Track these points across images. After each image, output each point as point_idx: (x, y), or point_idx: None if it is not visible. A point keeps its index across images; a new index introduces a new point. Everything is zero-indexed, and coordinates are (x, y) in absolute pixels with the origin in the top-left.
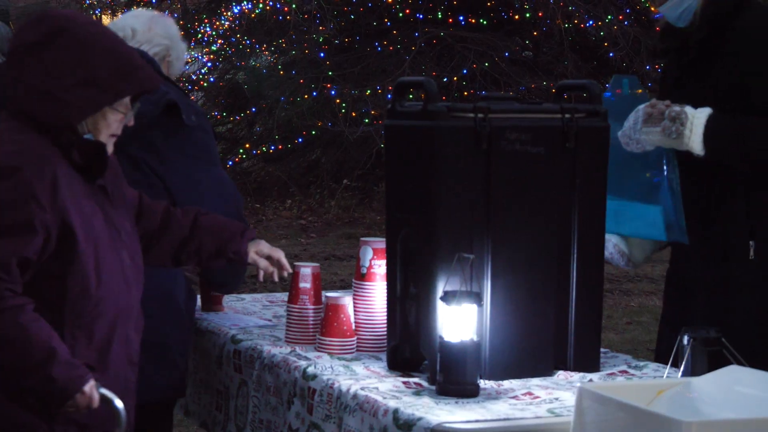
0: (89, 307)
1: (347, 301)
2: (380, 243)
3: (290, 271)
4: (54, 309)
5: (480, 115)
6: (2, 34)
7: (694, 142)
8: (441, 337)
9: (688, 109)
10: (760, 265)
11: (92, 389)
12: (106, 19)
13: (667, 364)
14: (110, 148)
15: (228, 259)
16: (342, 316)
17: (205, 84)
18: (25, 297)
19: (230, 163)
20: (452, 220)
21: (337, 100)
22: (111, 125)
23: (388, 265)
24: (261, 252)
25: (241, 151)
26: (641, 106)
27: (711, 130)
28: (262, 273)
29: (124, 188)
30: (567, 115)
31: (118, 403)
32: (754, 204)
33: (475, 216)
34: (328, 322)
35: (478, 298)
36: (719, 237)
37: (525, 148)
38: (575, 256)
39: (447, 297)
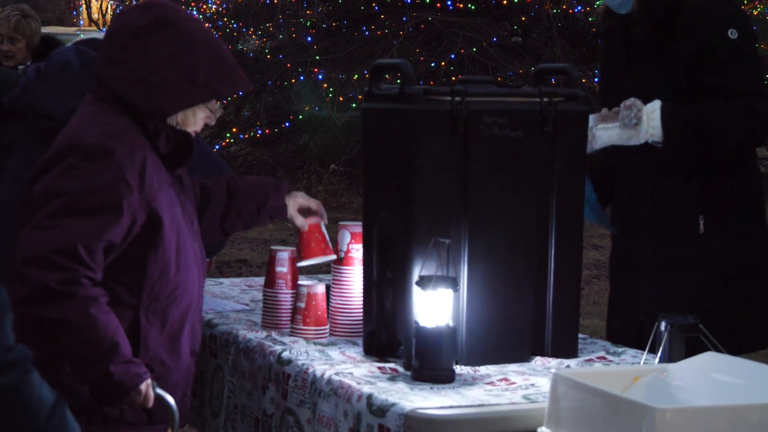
0: (166, 292)
1: (320, 289)
2: (358, 227)
3: (326, 221)
4: (132, 290)
5: (457, 99)
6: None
7: (653, 128)
8: (416, 323)
9: (638, 102)
10: (708, 239)
11: (148, 388)
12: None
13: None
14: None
15: (270, 216)
16: (314, 303)
17: None
18: (100, 289)
19: (217, 147)
20: (429, 204)
21: (325, 85)
22: (197, 122)
23: (364, 249)
24: (300, 205)
25: (228, 135)
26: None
27: (667, 116)
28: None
29: (188, 179)
30: (545, 99)
31: (172, 403)
32: (704, 182)
33: (452, 200)
34: (300, 310)
35: (454, 283)
36: (669, 214)
37: (503, 131)
38: (553, 241)
39: (422, 282)
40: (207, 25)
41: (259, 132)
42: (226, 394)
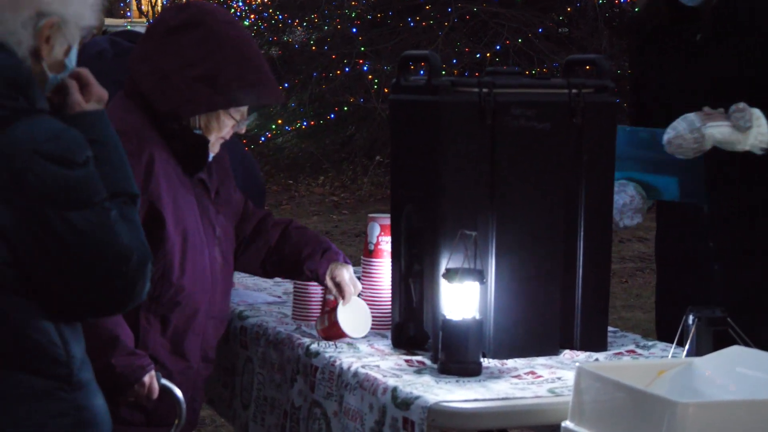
0: (168, 296)
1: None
2: (388, 219)
3: (346, 302)
4: None
5: (484, 90)
6: None
7: (763, 134)
8: (443, 315)
9: (749, 107)
10: None
11: (152, 380)
12: None
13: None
14: (216, 149)
15: (305, 277)
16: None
17: None
18: None
19: (263, 139)
20: (456, 196)
21: (370, 76)
22: (222, 129)
23: (392, 242)
24: (340, 279)
25: (273, 126)
26: (687, 115)
27: None
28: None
29: (231, 190)
30: (574, 90)
31: (179, 395)
32: None
33: (479, 192)
34: (330, 302)
35: (480, 275)
36: (749, 201)
37: (530, 123)
38: (582, 233)
39: (449, 274)
40: (252, 16)
41: (305, 124)
42: (256, 386)
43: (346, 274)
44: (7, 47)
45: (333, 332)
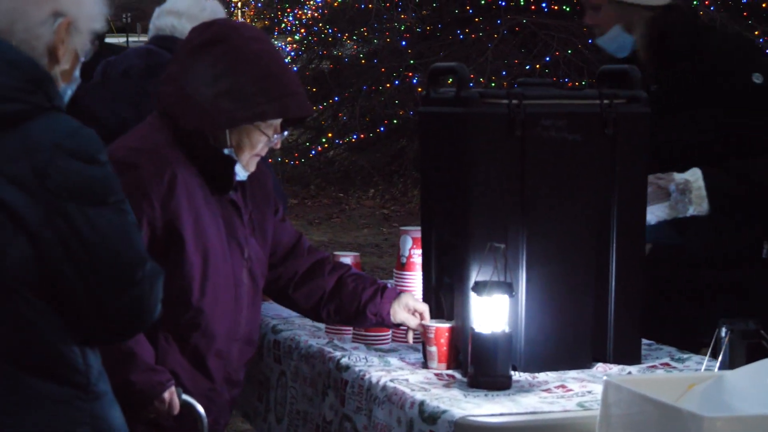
0: (187, 317)
1: None
2: (419, 232)
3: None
4: None
5: (514, 101)
6: None
7: (702, 207)
8: (472, 329)
9: (684, 176)
10: None
11: (172, 396)
12: None
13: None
14: (252, 167)
15: (369, 323)
16: None
17: None
18: None
19: (313, 152)
20: (486, 209)
21: (419, 89)
22: (255, 145)
23: (423, 254)
24: (409, 308)
25: (324, 140)
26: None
27: (712, 191)
28: (411, 334)
29: (270, 214)
30: (606, 101)
31: (201, 410)
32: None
33: (509, 205)
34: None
35: (509, 288)
36: (729, 243)
37: (561, 134)
38: (614, 245)
39: (478, 287)
40: (303, 31)
41: (355, 137)
42: (289, 399)
43: (410, 301)
44: (26, 45)
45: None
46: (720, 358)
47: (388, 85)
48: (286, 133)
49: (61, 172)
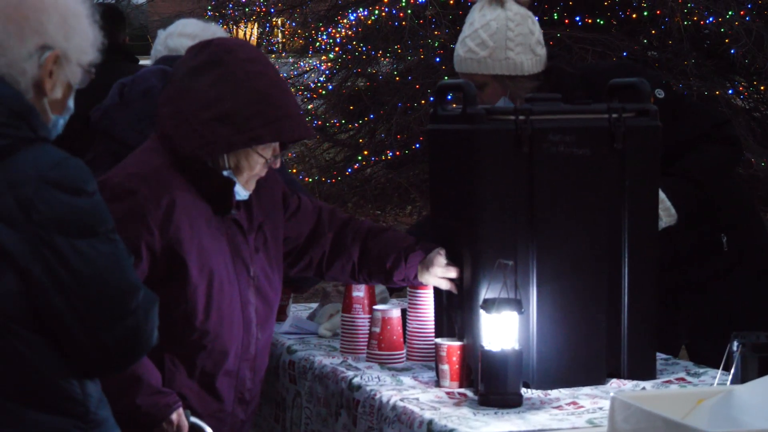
0: (191, 340)
1: (396, 313)
2: None
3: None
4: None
5: (521, 117)
6: None
7: (672, 217)
8: (482, 346)
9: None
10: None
11: (180, 417)
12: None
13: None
14: (251, 186)
15: (402, 286)
16: (388, 328)
17: (323, 92)
18: None
19: (349, 170)
20: (494, 225)
21: (453, 105)
22: (253, 167)
23: None
24: (438, 274)
25: (360, 158)
26: None
27: (673, 198)
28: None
29: (279, 222)
30: (614, 115)
31: (209, 431)
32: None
33: (518, 221)
34: (375, 334)
35: (518, 305)
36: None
37: (570, 149)
38: (627, 259)
39: (487, 305)
40: (337, 49)
41: (391, 154)
42: (304, 420)
43: (439, 265)
44: (9, 78)
45: None
46: (732, 372)
47: (423, 101)
48: (285, 154)
49: (47, 204)
